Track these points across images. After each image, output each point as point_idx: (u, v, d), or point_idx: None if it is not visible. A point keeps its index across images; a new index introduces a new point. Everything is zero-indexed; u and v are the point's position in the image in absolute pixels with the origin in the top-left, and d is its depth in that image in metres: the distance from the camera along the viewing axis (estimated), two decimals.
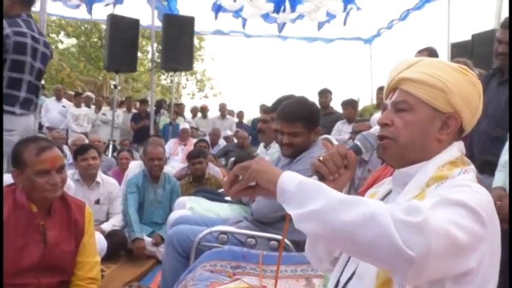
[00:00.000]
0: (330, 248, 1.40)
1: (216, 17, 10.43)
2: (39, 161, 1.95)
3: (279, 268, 2.37)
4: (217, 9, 10.20)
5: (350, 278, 1.27)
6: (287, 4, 10.06)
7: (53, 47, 18.64)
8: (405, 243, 0.93)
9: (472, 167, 1.23)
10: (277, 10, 10.23)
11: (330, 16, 10.58)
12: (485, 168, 2.56)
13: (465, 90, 1.22)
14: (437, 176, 1.19)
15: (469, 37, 6.57)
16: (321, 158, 1.29)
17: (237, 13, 10.50)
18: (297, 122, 2.66)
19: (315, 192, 1.05)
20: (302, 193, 1.06)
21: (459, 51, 6.64)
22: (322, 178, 1.28)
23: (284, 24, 10.85)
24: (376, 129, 1.34)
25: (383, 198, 1.36)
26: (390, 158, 1.30)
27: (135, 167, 5.16)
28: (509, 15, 2.24)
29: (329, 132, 5.97)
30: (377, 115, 3.97)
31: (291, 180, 1.09)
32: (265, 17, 10.60)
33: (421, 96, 1.22)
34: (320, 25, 10.87)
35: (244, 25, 10.87)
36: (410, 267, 0.95)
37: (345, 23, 10.61)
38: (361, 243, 0.98)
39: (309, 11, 10.26)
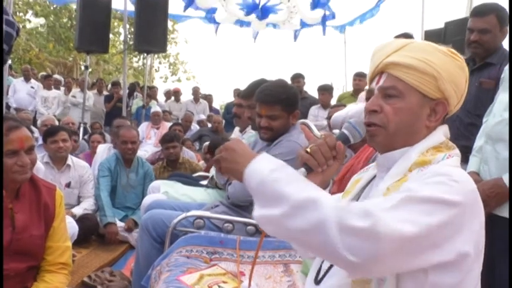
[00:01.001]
0: None
1: (184, 10, 10.19)
2: (7, 141, 1.84)
3: (252, 253, 2.34)
4: (189, 3, 9.87)
5: (332, 265, 1.25)
6: (259, 13, 9.96)
7: (21, 26, 18.11)
8: (349, 251, 0.96)
9: (456, 151, 1.21)
10: (248, 14, 10.11)
11: (305, 25, 10.57)
12: (461, 155, 2.59)
13: (455, 76, 1.19)
14: (420, 161, 1.17)
15: (442, 25, 6.62)
16: (308, 150, 1.25)
17: (209, 14, 10.34)
18: (276, 105, 2.62)
19: (273, 194, 1.05)
20: (262, 194, 1.08)
21: (432, 39, 6.68)
22: (310, 170, 1.25)
23: (258, 32, 10.81)
24: (347, 112, 1.31)
25: (367, 184, 1.34)
26: (378, 145, 1.28)
27: (103, 150, 5.04)
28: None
29: (303, 117, 5.96)
30: (352, 105, 3.95)
31: (253, 177, 1.10)
32: (240, 23, 10.49)
33: (411, 82, 1.18)
34: (296, 34, 10.88)
35: (216, 29, 10.73)
36: (356, 271, 1.00)
37: (324, 33, 10.61)
38: (310, 248, 1.06)
39: (282, 20, 10.22)
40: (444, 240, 1.03)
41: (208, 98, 11.71)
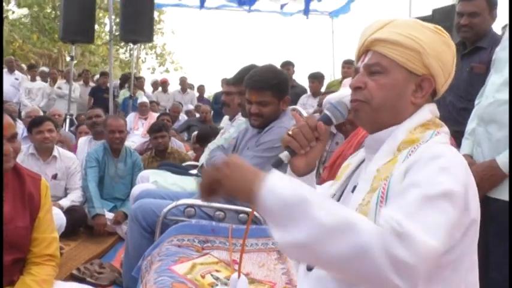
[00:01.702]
0: None
1: None
2: None
3: (245, 241, 2.30)
4: None
5: None
6: None
7: (3, 17, 17.79)
8: (398, 276, 0.91)
9: (444, 129, 1.20)
10: None
11: None
12: (454, 140, 2.58)
13: (440, 52, 1.18)
14: (408, 140, 1.15)
15: (429, 12, 6.62)
16: (290, 132, 1.22)
17: None
18: (267, 91, 2.56)
19: (300, 214, 0.96)
20: (286, 217, 0.97)
21: None
22: (293, 153, 1.22)
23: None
24: (341, 95, 1.28)
25: (356, 168, 1.32)
26: (362, 122, 1.26)
27: (84, 143, 4.96)
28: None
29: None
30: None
31: (273, 197, 0.99)
32: None
33: (395, 58, 1.17)
34: (282, 6, 10.78)
35: (202, 4, 10.58)
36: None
37: (307, 16, 10.53)
38: (352, 276, 0.97)
39: None
40: (456, 233, 1.04)
41: (200, 89, 11.64)
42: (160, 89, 10.81)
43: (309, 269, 1.25)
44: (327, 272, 1.09)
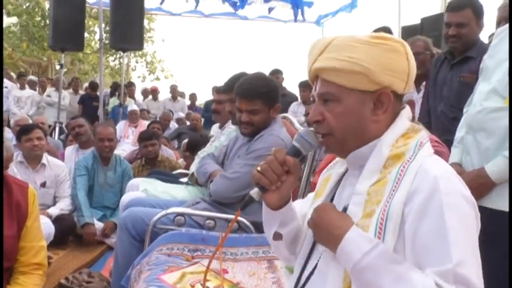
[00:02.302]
0: (293, 249, 1.34)
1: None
2: None
3: (239, 250, 2.29)
4: None
5: (312, 273, 1.21)
6: None
7: None
8: None
9: (423, 133, 1.18)
10: None
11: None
12: (448, 149, 2.59)
13: (387, 63, 1.13)
14: (393, 156, 1.13)
15: (418, 21, 6.68)
16: (258, 169, 1.19)
17: None
18: (257, 99, 2.56)
19: (367, 284, 1.05)
20: (356, 279, 1.07)
21: (409, 34, 6.74)
22: (263, 190, 1.20)
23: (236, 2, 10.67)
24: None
25: (339, 180, 1.29)
26: (335, 153, 1.25)
27: (71, 152, 4.91)
28: (509, 15, 2.25)
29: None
30: None
31: (346, 258, 1.08)
32: None
33: (344, 84, 1.14)
34: (270, 9, 10.82)
35: (197, 3, 10.56)
36: None
37: (295, 19, 10.59)
38: None
39: None
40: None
41: (192, 97, 11.63)
42: (150, 97, 10.78)
43: None
44: None
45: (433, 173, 1.07)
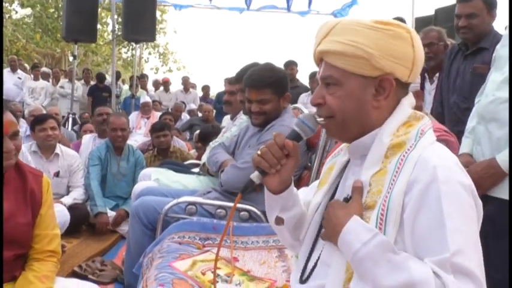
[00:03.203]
0: (297, 234, 1.35)
1: None
2: None
3: (249, 239, 2.30)
4: None
5: (315, 265, 1.23)
6: None
7: (7, 16, 17.83)
8: None
9: (426, 121, 1.17)
10: None
11: None
12: (460, 140, 2.58)
13: (389, 48, 1.12)
14: (395, 145, 1.13)
15: (432, 11, 6.61)
16: (259, 152, 1.21)
17: None
18: (266, 88, 2.57)
19: (365, 274, 1.07)
20: (356, 268, 1.08)
21: (423, 25, 6.68)
22: (263, 173, 1.21)
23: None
24: (312, 110, 1.27)
25: (343, 169, 1.29)
26: (336, 137, 1.26)
27: (88, 140, 4.97)
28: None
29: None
30: None
31: (346, 248, 1.09)
32: None
33: (346, 68, 1.14)
34: (289, 3, 10.75)
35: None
36: None
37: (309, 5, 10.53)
38: None
39: None
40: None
41: (205, 89, 11.65)
42: (162, 88, 10.83)
43: (302, 281, 1.25)
44: None
45: (432, 162, 1.06)
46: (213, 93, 13.48)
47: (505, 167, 1.87)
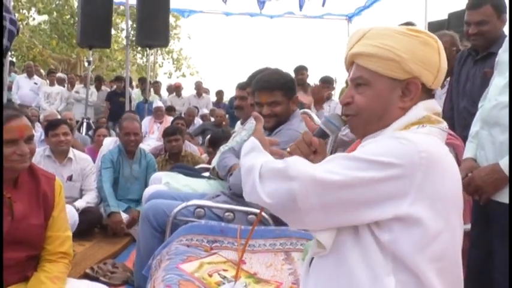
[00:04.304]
0: None
1: None
2: (6, 130, 1.84)
3: (254, 242, 2.33)
4: None
5: None
6: None
7: (24, 23, 18.12)
8: (266, 194, 1.16)
9: (441, 124, 1.21)
10: None
11: None
12: None
13: (419, 54, 1.20)
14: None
15: (445, 16, 6.57)
16: (288, 149, 1.33)
17: None
18: (276, 90, 2.62)
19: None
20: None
21: (436, 30, 6.65)
22: None
23: (264, 2, 10.63)
24: (338, 109, 1.35)
25: None
26: (359, 135, 1.32)
27: (110, 143, 5.05)
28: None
29: None
30: None
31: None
32: None
33: (375, 69, 1.21)
34: (301, 3, 10.72)
35: (225, 0, 10.59)
36: (283, 215, 1.19)
37: (323, 3, 10.51)
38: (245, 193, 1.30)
39: None
40: (379, 198, 1.07)
41: (219, 93, 11.71)
42: (174, 93, 10.91)
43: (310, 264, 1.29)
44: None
45: (404, 134, 1.14)
46: (226, 98, 13.56)
47: (509, 171, 1.87)
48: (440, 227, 1.10)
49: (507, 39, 2.08)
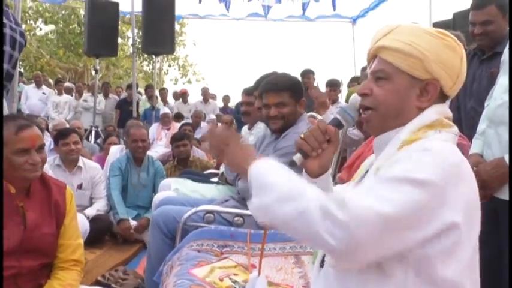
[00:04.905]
0: None
1: (200, 1, 10.24)
2: (18, 140, 1.87)
3: (264, 246, 2.34)
4: None
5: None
6: None
7: (31, 33, 18.30)
8: (329, 234, 1.01)
9: (453, 129, 1.22)
10: None
11: None
12: None
13: (443, 56, 1.20)
14: (409, 140, 1.19)
15: (450, 16, 6.55)
16: (302, 136, 1.31)
17: None
18: (283, 92, 2.64)
19: (267, 186, 1.13)
20: (257, 184, 1.16)
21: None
22: (305, 155, 1.31)
23: (269, 7, 10.67)
24: (354, 100, 1.34)
25: (366, 172, 1.34)
26: (373, 129, 1.31)
27: (116, 151, 5.08)
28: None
29: None
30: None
31: (255, 173, 1.19)
32: None
33: (399, 65, 1.21)
34: (304, 6, 10.74)
35: (228, 8, 10.65)
36: (340, 256, 1.05)
37: (334, 8, 10.53)
38: (297, 234, 1.10)
39: None
40: (424, 217, 1.05)
41: (225, 99, 11.76)
42: (180, 99, 10.95)
43: (322, 265, 1.29)
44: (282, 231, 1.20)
45: (430, 145, 1.13)
46: (232, 103, 13.60)
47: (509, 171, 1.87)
48: (470, 232, 1.12)
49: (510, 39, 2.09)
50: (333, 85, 6.76)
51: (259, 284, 1.34)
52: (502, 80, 2.03)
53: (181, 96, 10.98)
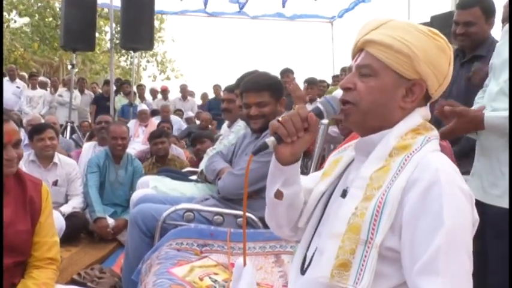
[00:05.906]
0: (291, 215, 1.35)
1: None
2: None
3: (246, 245, 2.33)
4: None
5: (314, 254, 1.24)
6: None
7: (5, 26, 17.89)
8: None
9: (434, 132, 1.21)
10: None
11: None
12: (452, 146, 2.60)
13: (432, 57, 1.17)
14: (400, 146, 1.16)
15: (428, 19, 6.65)
16: (279, 119, 1.22)
17: None
18: (264, 91, 2.63)
19: None
20: None
21: None
22: (280, 140, 1.22)
23: (245, 2, 10.63)
24: (339, 93, 1.29)
25: (346, 167, 1.32)
26: (352, 125, 1.26)
27: (88, 148, 5.01)
28: (510, 15, 2.26)
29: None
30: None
31: None
32: None
33: (386, 61, 1.17)
34: (284, 1, 10.71)
35: (206, 3, 10.59)
36: None
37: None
38: None
39: None
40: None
41: (204, 96, 11.70)
42: (160, 96, 10.86)
43: (303, 272, 1.26)
44: None
45: (435, 164, 1.10)
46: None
47: (488, 125, 1.90)
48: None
49: (497, 44, 2.11)
50: (311, 83, 6.79)
51: (246, 273, 1.28)
52: (491, 86, 2.03)
53: (162, 93, 10.90)
